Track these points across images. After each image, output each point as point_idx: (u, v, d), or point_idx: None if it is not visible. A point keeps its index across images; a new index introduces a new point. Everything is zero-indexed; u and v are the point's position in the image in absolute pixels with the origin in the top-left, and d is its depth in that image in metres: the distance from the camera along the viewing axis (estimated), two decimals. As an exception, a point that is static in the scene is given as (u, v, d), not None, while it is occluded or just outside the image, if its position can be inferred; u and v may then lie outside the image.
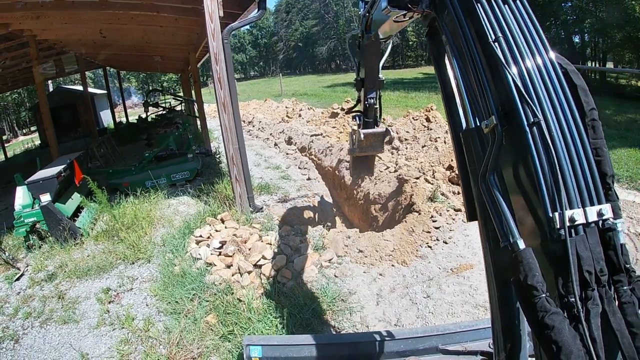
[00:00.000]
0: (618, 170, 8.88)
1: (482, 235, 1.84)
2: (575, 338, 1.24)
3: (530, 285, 1.34)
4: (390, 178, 9.18)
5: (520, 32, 1.60)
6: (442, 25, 1.89)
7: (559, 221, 1.36)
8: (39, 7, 8.90)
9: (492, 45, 1.58)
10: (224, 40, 7.41)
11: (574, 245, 1.33)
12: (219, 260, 6.13)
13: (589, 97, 1.52)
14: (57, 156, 10.80)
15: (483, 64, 1.65)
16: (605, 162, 1.44)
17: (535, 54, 1.56)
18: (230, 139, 7.71)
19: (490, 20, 1.62)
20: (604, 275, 1.33)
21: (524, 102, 1.46)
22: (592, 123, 1.48)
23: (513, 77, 1.50)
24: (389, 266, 6.10)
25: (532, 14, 1.65)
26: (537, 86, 1.50)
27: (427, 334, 3.86)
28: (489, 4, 1.65)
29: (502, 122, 1.56)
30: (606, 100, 21.43)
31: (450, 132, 2.07)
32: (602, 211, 1.38)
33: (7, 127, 49.19)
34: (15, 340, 5.34)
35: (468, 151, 1.82)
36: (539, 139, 1.43)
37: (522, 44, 1.58)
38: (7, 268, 7.07)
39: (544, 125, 1.43)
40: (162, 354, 4.66)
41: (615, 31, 27.73)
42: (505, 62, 1.53)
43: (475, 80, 1.70)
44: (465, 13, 1.73)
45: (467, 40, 1.72)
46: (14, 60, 15.24)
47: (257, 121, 21.19)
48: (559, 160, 1.40)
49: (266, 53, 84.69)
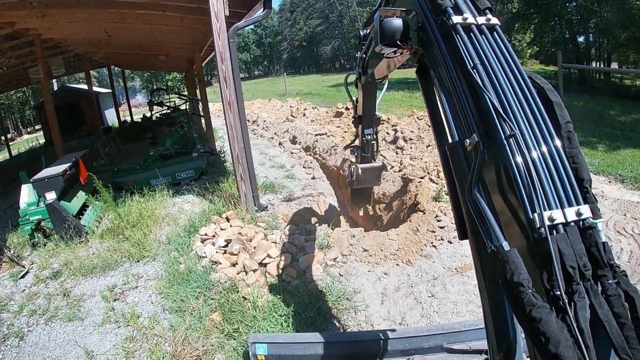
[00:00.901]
0: (622, 171, 8.83)
1: (472, 247, 1.93)
2: (563, 329, 1.28)
3: (517, 282, 1.39)
4: (394, 177, 9.19)
5: (496, 59, 1.78)
6: (430, 60, 2.10)
7: (539, 221, 1.44)
8: (44, 5, 8.93)
9: (471, 72, 1.74)
10: (230, 39, 7.42)
11: (555, 242, 1.40)
12: (224, 258, 6.14)
13: (564, 111, 1.69)
14: (62, 155, 10.83)
15: (464, 89, 1.81)
16: (582, 168, 1.56)
17: (510, 77, 1.73)
18: (235, 137, 7.72)
19: (468, 50, 1.80)
20: (587, 270, 1.38)
21: (501, 118, 1.60)
22: (568, 134, 1.64)
23: (490, 98, 1.65)
24: (394, 265, 6.10)
25: (507, 43, 1.83)
26: (512, 104, 1.65)
27: (431, 332, 3.87)
28: (467, 36, 1.84)
29: (483, 140, 1.70)
30: (610, 100, 21.36)
31: (440, 152, 2.22)
32: (580, 211, 1.47)
33: (12, 126, 49.37)
34: (20, 338, 5.36)
35: (454, 164, 1.96)
36: (516, 149, 1.56)
37: (498, 69, 1.75)
38: (12, 266, 7.10)
39: (520, 137, 1.57)
40: (167, 352, 4.66)
41: (620, 31, 27.65)
42: (483, 86, 1.69)
43: (458, 104, 1.86)
44: (448, 45, 1.91)
45: (449, 69, 1.89)
46: (18, 59, 15.30)
47: (261, 120, 21.17)
48: (535, 167, 1.52)
49: (270, 52, 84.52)
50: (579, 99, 20.45)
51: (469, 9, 1.90)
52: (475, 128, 1.75)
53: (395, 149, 11.52)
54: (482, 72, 1.74)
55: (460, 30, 1.85)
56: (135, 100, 45.66)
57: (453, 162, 1.97)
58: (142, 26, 11.69)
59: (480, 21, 1.87)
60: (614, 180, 8.58)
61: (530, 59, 52.96)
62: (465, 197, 1.80)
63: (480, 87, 1.70)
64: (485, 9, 1.90)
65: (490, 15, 1.89)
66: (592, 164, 9.45)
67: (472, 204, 1.75)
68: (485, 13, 1.90)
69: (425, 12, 2.07)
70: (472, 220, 1.80)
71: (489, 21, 1.88)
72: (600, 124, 14.36)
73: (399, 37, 2.24)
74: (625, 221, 6.61)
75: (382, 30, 2.26)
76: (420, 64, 2.34)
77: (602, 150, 10.66)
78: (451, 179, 2.02)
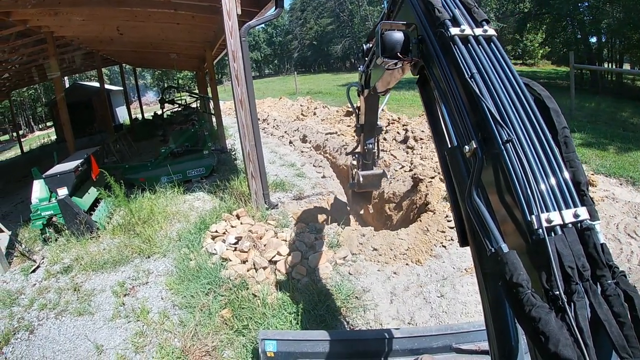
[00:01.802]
0: (634, 173, 8.76)
1: (473, 250, 1.97)
2: (562, 328, 1.29)
3: (516, 283, 1.40)
4: (405, 177, 9.18)
5: (493, 68, 1.84)
6: (430, 71, 2.20)
7: (537, 222, 1.47)
8: (57, 4, 8.99)
9: (469, 81, 1.81)
10: (242, 38, 7.44)
11: (553, 243, 1.42)
12: (235, 255, 6.16)
13: (560, 117, 1.74)
14: (74, 151, 10.91)
15: (463, 98, 1.89)
16: (579, 172, 1.60)
17: (507, 85, 1.78)
18: (246, 135, 7.74)
19: (466, 60, 1.87)
20: (586, 271, 1.39)
21: (498, 124, 1.66)
22: (565, 139, 1.68)
23: (487, 105, 1.71)
24: (403, 265, 6.10)
25: (503, 53, 1.90)
26: (509, 111, 1.70)
27: (440, 332, 3.86)
28: (465, 47, 1.91)
29: (481, 146, 1.77)
30: (623, 102, 21.21)
31: (439, 159, 2.29)
32: (577, 212, 1.49)
33: (24, 122, 49.75)
34: (30, 331, 5.42)
35: (454, 168, 2.03)
36: (513, 153, 1.60)
37: (495, 77, 1.81)
38: (23, 260, 7.18)
39: (517, 142, 1.62)
40: (176, 347, 4.69)
41: (632, 32, 27.48)
42: (480, 94, 1.75)
43: (456, 112, 1.93)
44: (446, 56, 2.00)
45: (448, 78, 1.98)
46: (30, 57, 15.41)
47: (271, 119, 21.18)
48: (532, 170, 1.56)
49: (281, 51, 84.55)
50: (590, 100, 20.32)
51: (467, 21, 1.98)
52: (473, 135, 1.81)
53: (406, 148, 11.49)
54: (479, 81, 1.80)
55: (457, 41, 1.93)
56: (147, 98, 45.86)
57: (452, 166, 2.04)
58: (154, 24, 11.76)
59: (478, 32, 1.95)
60: (625, 182, 8.52)
61: (542, 59, 52.84)
62: (465, 201, 1.85)
63: (477, 94, 1.75)
64: (482, 20, 1.98)
65: (487, 27, 1.96)
66: (604, 166, 9.39)
67: (471, 208, 1.80)
68: (482, 25, 1.97)
69: (424, 25, 2.18)
70: (471, 225, 1.84)
71: (486, 32, 1.95)
72: (612, 126, 14.27)
73: (399, 49, 2.34)
74: (636, 224, 6.56)
75: (383, 42, 2.37)
76: (421, 76, 2.41)
77: (613, 152, 10.58)
78: (450, 183, 2.08)
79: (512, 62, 1.98)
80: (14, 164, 20.14)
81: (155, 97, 37.41)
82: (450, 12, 2.02)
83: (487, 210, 1.74)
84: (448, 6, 2.05)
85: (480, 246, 1.80)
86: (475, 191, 1.79)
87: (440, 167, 2.25)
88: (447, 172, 2.11)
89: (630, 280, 5.34)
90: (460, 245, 2.09)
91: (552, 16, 34.05)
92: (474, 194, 1.78)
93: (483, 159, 1.76)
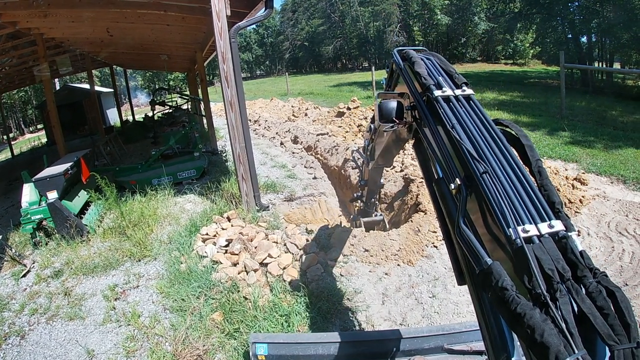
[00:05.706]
0: (625, 171, 8.81)
1: (471, 289, 2.16)
2: (547, 320, 1.36)
3: (502, 287, 1.53)
4: (396, 178, 9.18)
5: (471, 119, 2.16)
6: (421, 130, 2.53)
7: (514, 233, 1.61)
8: (46, 5, 8.93)
9: (450, 130, 2.10)
10: (232, 39, 7.43)
11: (532, 250, 1.55)
12: (225, 258, 6.14)
13: (534, 151, 2.04)
14: (64, 154, 10.85)
15: (447, 146, 2.18)
16: (552, 194, 1.80)
17: (483, 130, 2.09)
18: (237, 137, 7.72)
19: (447, 115, 2.19)
20: (566, 272, 1.49)
21: (475, 160, 1.92)
22: (538, 169, 1.94)
23: (466, 147, 1.99)
24: (395, 265, 6.10)
25: (480, 107, 2.23)
26: (484, 150, 1.99)
27: (432, 333, 3.89)
28: (447, 105, 2.25)
29: (464, 182, 2.00)
30: (613, 101, 21.31)
31: (433, 203, 2.55)
32: (552, 224, 1.65)
33: (14, 125, 49.42)
34: (21, 336, 5.37)
35: (441, 197, 2.30)
36: (490, 182, 1.83)
37: (473, 126, 2.12)
38: (13, 264, 7.12)
39: (492, 173, 1.86)
40: (167, 351, 4.67)
41: (622, 32, 27.66)
42: (460, 139, 2.03)
43: (442, 158, 2.23)
44: (433, 115, 2.33)
45: (434, 131, 2.30)
46: (21, 59, 15.32)
47: (263, 120, 21.17)
48: (507, 192, 1.78)
49: (272, 52, 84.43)
50: (581, 99, 20.39)
51: (448, 85, 2.34)
52: (457, 174, 2.07)
53: (397, 149, 11.49)
54: (459, 130, 2.10)
55: (440, 101, 2.26)
56: (137, 100, 45.69)
57: (440, 195, 2.32)
58: (144, 26, 11.72)
59: (457, 92, 2.30)
60: (616, 180, 8.56)
61: (532, 59, 53.14)
62: (456, 234, 2.03)
63: (457, 139, 2.04)
64: (462, 83, 2.34)
65: (466, 88, 2.32)
66: (594, 164, 9.44)
67: (461, 238, 1.96)
68: (462, 87, 2.33)
69: (414, 93, 2.54)
70: (464, 256, 2.01)
71: (464, 92, 2.30)
72: (602, 125, 14.33)
73: (394, 115, 2.81)
74: (627, 222, 6.60)
75: (380, 110, 2.84)
76: (415, 140, 2.77)
77: (604, 151, 10.63)
78: (441, 215, 2.34)
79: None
80: (4, 168, 19.98)
81: (146, 98, 37.28)
82: (434, 79, 2.38)
83: (473, 234, 1.92)
84: (433, 74, 2.45)
85: (472, 270, 1.96)
86: (463, 221, 1.97)
87: (433, 206, 2.51)
88: (437, 205, 2.38)
89: (623, 278, 5.40)
90: (458, 284, 2.30)
91: (543, 16, 34.19)
92: (462, 224, 1.96)
93: (467, 194, 1.98)
